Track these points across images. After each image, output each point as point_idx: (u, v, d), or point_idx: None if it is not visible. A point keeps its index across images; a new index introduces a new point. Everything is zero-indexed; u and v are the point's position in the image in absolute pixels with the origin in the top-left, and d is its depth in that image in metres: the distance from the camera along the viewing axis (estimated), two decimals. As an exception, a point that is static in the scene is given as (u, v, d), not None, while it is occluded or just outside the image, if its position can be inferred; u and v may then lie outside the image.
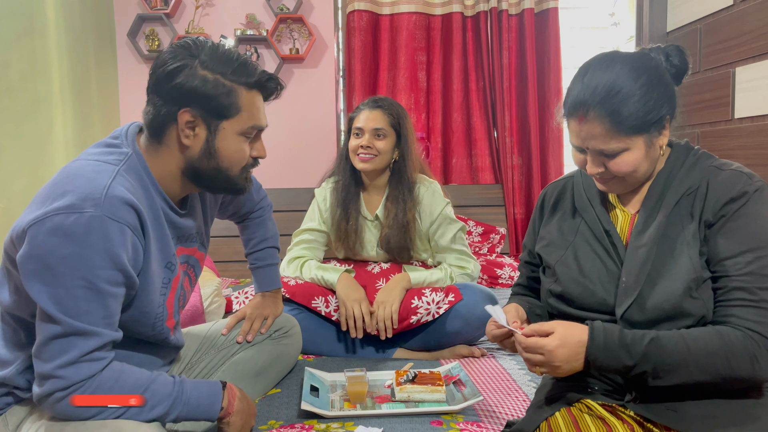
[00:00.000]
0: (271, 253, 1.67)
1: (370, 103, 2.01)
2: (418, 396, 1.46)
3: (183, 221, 1.22)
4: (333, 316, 1.87)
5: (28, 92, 2.38)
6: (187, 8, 3.24)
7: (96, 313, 1.00)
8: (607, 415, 1.02)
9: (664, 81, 1.05)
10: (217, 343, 1.50)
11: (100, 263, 0.99)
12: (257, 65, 1.18)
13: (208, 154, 1.15)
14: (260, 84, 1.17)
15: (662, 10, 3.04)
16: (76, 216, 0.98)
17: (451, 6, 3.24)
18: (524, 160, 3.33)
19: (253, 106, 1.17)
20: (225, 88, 1.12)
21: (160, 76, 1.12)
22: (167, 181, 1.17)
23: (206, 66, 1.11)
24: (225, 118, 1.14)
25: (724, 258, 1.00)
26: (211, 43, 1.15)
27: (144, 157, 1.15)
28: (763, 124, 2.33)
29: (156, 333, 1.19)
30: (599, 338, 0.99)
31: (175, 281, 1.21)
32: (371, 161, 1.94)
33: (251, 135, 1.18)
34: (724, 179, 1.03)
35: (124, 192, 1.04)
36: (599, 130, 1.02)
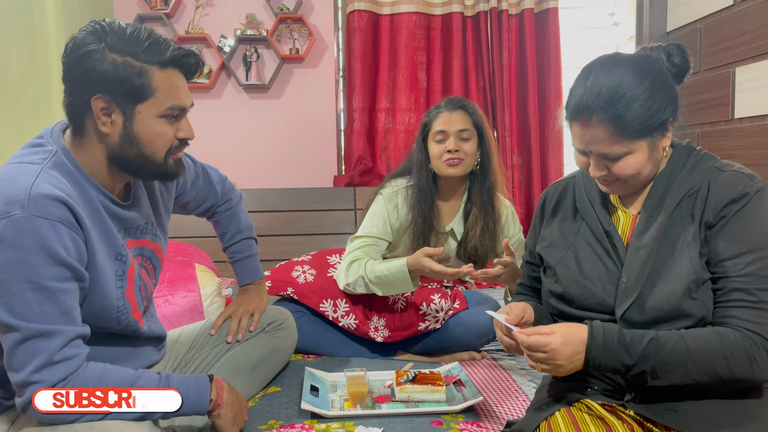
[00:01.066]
0: (248, 244, 1.64)
1: (449, 104, 1.87)
2: (418, 396, 1.46)
3: (126, 213, 1.19)
4: (340, 322, 1.86)
5: (28, 92, 2.38)
6: (187, 8, 3.24)
7: (51, 312, 0.99)
8: (607, 414, 1.03)
9: (667, 83, 1.04)
10: (211, 339, 1.49)
11: (40, 262, 0.98)
12: (171, 42, 1.13)
13: (128, 140, 1.10)
14: (176, 61, 1.12)
15: (662, 10, 3.04)
16: (5, 221, 0.97)
17: (451, 6, 3.24)
18: (524, 160, 3.33)
19: (171, 85, 1.11)
20: (135, 69, 1.07)
21: (69, 64, 1.08)
22: (98, 172, 1.14)
23: (114, 48, 1.07)
24: (140, 101, 1.09)
25: (723, 259, 1.00)
26: (119, 24, 1.10)
27: (71, 151, 1.11)
28: (763, 124, 2.33)
29: (123, 326, 1.18)
30: (598, 337, 0.99)
31: (131, 272, 1.19)
32: (460, 165, 1.82)
33: (173, 115, 1.13)
34: (724, 180, 1.03)
35: (49, 188, 1.01)
36: (602, 134, 1.02)
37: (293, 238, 3.11)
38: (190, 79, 1.16)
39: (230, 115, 3.28)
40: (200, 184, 1.51)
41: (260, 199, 3.12)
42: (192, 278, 2.18)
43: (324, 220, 3.13)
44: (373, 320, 1.86)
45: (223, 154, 3.26)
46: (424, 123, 1.89)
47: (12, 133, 2.28)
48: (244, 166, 3.29)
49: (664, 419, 0.99)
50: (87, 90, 1.07)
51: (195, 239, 2.95)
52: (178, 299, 2.06)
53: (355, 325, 1.85)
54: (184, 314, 2.01)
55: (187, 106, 1.16)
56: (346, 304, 1.87)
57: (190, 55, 1.13)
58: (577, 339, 0.99)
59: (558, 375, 1.04)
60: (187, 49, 1.14)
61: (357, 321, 1.85)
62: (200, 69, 1.17)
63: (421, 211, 1.84)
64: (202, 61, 1.17)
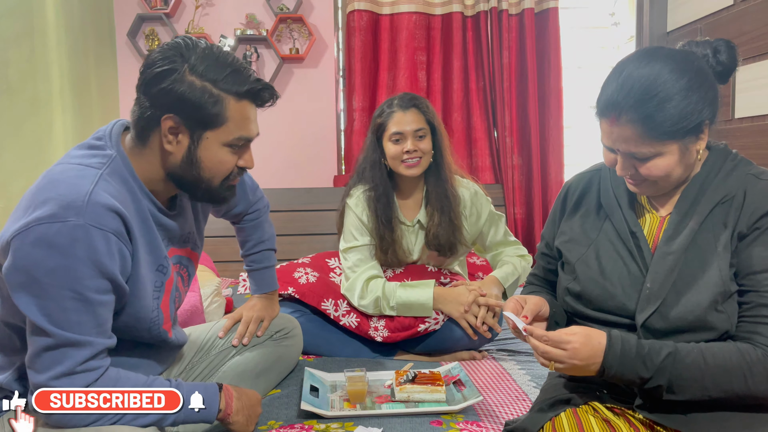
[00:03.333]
0: (268, 255, 1.65)
1: (401, 103, 1.88)
2: (418, 396, 1.46)
3: (172, 222, 1.19)
4: (341, 321, 1.86)
5: (28, 92, 2.38)
6: (187, 8, 3.24)
7: (87, 323, 0.99)
8: (613, 417, 1.00)
9: (706, 83, 0.98)
10: (218, 343, 1.50)
11: (87, 273, 0.97)
12: (251, 72, 1.12)
13: (189, 162, 1.10)
14: (252, 94, 1.11)
15: (662, 10, 3.04)
16: (59, 226, 0.95)
17: (451, 6, 3.24)
18: (524, 160, 3.33)
19: (243, 117, 1.10)
20: (212, 97, 1.06)
21: (147, 78, 1.07)
22: (153, 182, 1.13)
23: (195, 71, 1.06)
24: (210, 128, 1.08)
25: (755, 272, 0.96)
26: (204, 45, 1.09)
27: (129, 158, 1.10)
28: (763, 124, 2.33)
29: (153, 336, 1.18)
30: (617, 346, 0.95)
31: (169, 283, 1.19)
32: (419, 165, 1.85)
33: (238, 145, 1.13)
34: (762, 190, 0.98)
35: (107, 198, 1.00)
36: (630, 133, 0.97)
37: (293, 238, 3.11)
38: (260, 107, 1.15)
39: (230, 115, 3.28)
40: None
41: (260, 199, 3.12)
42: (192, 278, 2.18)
43: (324, 220, 3.13)
44: (374, 320, 1.86)
45: (223, 154, 3.25)
46: (378, 123, 1.90)
47: (12, 133, 2.28)
48: (244, 166, 3.29)
49: (673, 423, 0.97)
50: (160, 107, 1.06)
51: (195, 239, 2.95)
52: (178, 299, 2.07)
53: (356, 323, 1.85)
54: (184, 314, 2.00)
55: (253, 137, 1.14)
56: (346, 305, 1.88)
57: (266, 89, 1.12)
58: (596, 342, 0.96)
59: (569, 374, 1.02)
60: (265, 81, 1.12)
61: (358, 320, 1.85)
62: (273, 102, 1.16)
63: (377, 210, 1.89)
64: (276, 94, 1.15)
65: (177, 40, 1.09)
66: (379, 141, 1.91)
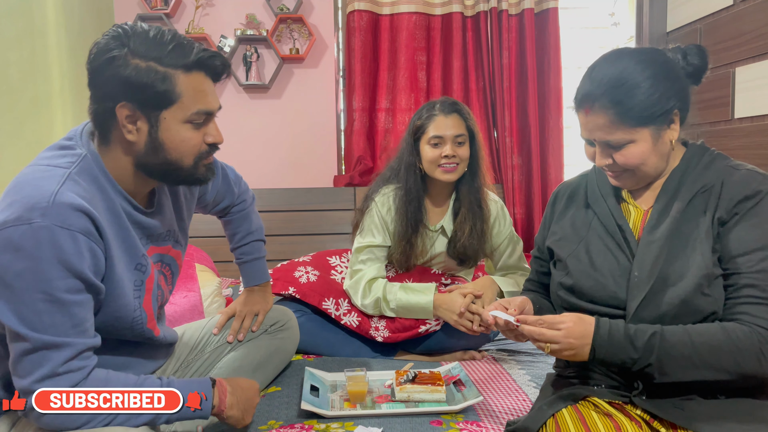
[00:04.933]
0: (258, 246, 1.63)
1: (444, 107, 1.85)
2: (418, 396, 1.46)
3: (150, 220, 1.17)
4: (342, 320, 1.86)
5: (28, 92, 2.38)
6: (187, 8, 3.24)
7: (62, 324, 0.97)
8: (615, 411, 1.03)
9: (673, 75, 1.06)
10: (212, 340, 1.49)
11: (56, 274, 0.96)
12: (196, 44, 1.09)
13: (153, 147, 1.07)
14: (201, 64, 1.07)
15: (662, 10, 3.04)
16: (24, 228, 0.94)
17: (451, 6, 3.24)
18: (524, 160, 3.33)
19: (196, 90, 1.07)
20: (159, 74, 1.03)
21: (93, 70, 1.05)
22: (125, 178, 1.11)
23: (137, 53, 1.03)
24: (164, 107, 1.05)
25: (736, 255, 1.00)
26: (142, 27, 1.06)
27: (99, 156, 1.08)
28: (763, 124, 2.33)
29: (137, 335, 1.17)
30: (604, 326, 1.00)
31: (149, 282, 1.17)
32: (455, 171, 1.83)
33: (200, 121, 1.09)
34: (739, 178, 1.04)
35: (72, 197, 0.98)
36: (603, 120, 1.04)
37: (293, 238, 3.11)
38: (216, 81, 1.12)
39: (230, 115, 3.28)
40: (219, 183, 1.49)
41: (260, 199, 3.10)
42: (192, 278, 2.18)
43: (324, 220, 3.13)
44: (374, 320, 1.86)
45: (223, 154, 3.24)
46: (417, 126, 1.87)
47: (12, 133, 2.28)
48: (244, 166, 3.27)
49: (670, 416, 0.99)
50: (111, 98, 1.04)
51: (195, 239, 2.95)
52: (178, 299, 2.07)
53: (357, 322, 1.85)
54: (184, 314, 2.01)
55: (214, 110, 1.12)
56: (347, 304, 1.88)
57: (215, 57, 1.09)
58: (588, 322, 1.02)
59: (564, 357, 1.04)
60: (213, 50, 1.10)
61: (359, 319, 1.85)
62: (227, 71, 1.13)
63: (407, 212, 1.85)
64: (227, 62, 1.12)
65: (115, 28, 1.07)
66: (416, 143, 1.87)
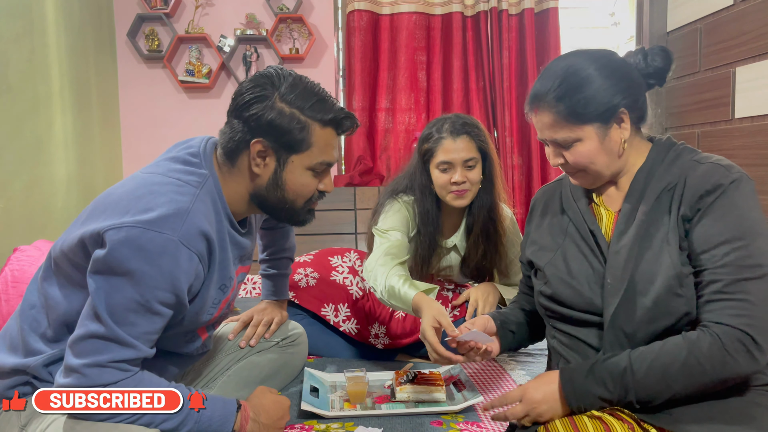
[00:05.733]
0: (286, 264, 1.68)
1: (451, 128, 1.73)
2: (418, 396, 1.46)
3: (244, 240, 1.24)
4: (341, 327, 1.85)
5: (27, 92, 2.38)
6: (186, 8, 3.23)
7: (141, 327, 1.03)
8: (604, 414, 1.02)
9: (621, 73, 1.06)
10: (224, 347, 1.50)
11: (162, 285, 1.02)
12: (335, 101, 1.19)
13: (275, 185, 1.17)
14: (336, 122, 1.17)
15: (662, 10, 3.04)
16: (153, 234, 1.00)
17: (451, 6, 3.24)
18: (524, 160, 3.33)
19: (326, 143, 1.17)
20: (300, 123, 1.13)
21: (240, 103, 1.14)
22: (236, 202, 1.19)
23: (285, 99, 1.13)
24: (295, 152, 1.15)
25: (700, 252, 0.99)
26: (294, 75, 1.16)
27: (219, 178, 1.17)
28: (763, 124, 2.33)
29: (189, 350, 1.23)
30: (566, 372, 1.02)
31: (224, 303, 1.23)
32: (467, 195, 1.73)
33: (320, 170, 1.19)
34: (701, 173, 1.02)
35: (202, 221, 1.06)
36: (548, 119, 1.06)
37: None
38: (340, 135, 1.21)
39: (230, 115, 3.28)
40: None
41: (260, 199, 3.12)
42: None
43: (324, 220, 3.13)
44: (374, 327, 1.85)
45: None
46: (426, 149, 1.76)
47: (12, 133, 2.28)
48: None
49: (659, 422, 0.98)
50: (251, 131, 1.13)
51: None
52: (178, 299, 2.06)
53: (356, 330, 1.84)
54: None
55: (333, 163, 1.21)
56: (347, 309, 1.86)
57: (349, 118, 1.19)
58: (546, 378, 1.05)
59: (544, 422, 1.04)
60: (347, 111, 1.19)
61: (358, 326, 1.84)
62: (353, 131, 1.23)
63: (427, 234, 1.79)
64: (357, 123, 1.22)
65: (269, 69, 1.17)
66: (426, 165, 1.78)
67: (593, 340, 1.09)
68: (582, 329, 1.11)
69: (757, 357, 0.94)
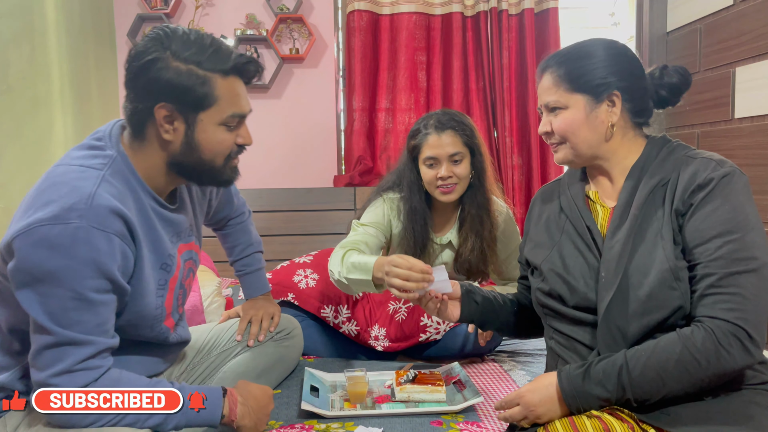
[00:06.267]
0: (258, 257, 1.65)
1: (436, 124, 1.75)
2: (418, 396, 1.46)
3: (176, 216, 1.20)
4: (341, 328, 1.85)
5: (28, 92, 2.38)
6: (187, 8, 3.24)
7: (88, 322, 1.00)
8: (603, 413, 1.02)
9: (625, 60, 1.11)
10: (219, 344, 1.50)
11: (89, 274, 0.98)
12: (232, 49, 1.13)
13: (189, 147, 1.11)
14: (237, 69, 1.12)
15: (662, 10, 3.04)
16: (61, 227, 0.97)
17: (451, 6, 3.24)
18: (524, 160, 3.33)
19: (232, 94, 1.12)
20: (199, 78, 1.07)
21: (132, 72, 1.09)
22: (154, 177, 1.14)
23: (178, 56, 1.07)
24: (202, 110, 1.10)
25: (694, 246, 1.00)
26: (182, 31, 1.10)
27: (129, 156, 1.11)
28: (763, 124, 2.33)
29: (156, 334, 1.19)
30: (563, 373, 1.03)
31: (173, 281, 1.20)
32: (454, 191, 1.74)
33: (233, 123, 1.14)
34: (693, 168, 1.04)
35: (110, 200, 1.02)
36: (548, 83, 1.13)
37: (293, 238, 3.11)
38: (248, 84, 1.17)
39: (230, 115, 3.28)
40: (221, 191, 1.52)
41: (260, 199, 3.12)
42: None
43: (324, 220, 3.13)
44: (374, 329, 1.84)
45: (223, 154, 3.25)
46: (413, 145, 1.78)
47: (12, 133, 2.28)
48: (244, 166, 3.25)
49: (658, 422, 0.98)
50: (150, 98, 1.08)
51: (195, 239, 2.95)
52: (178, 299, 2.06)
53: (356, 331, 1.84)
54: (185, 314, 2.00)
55: (246, 113, 1.16)
56: (347, 311, 1.85)
57: (251, 63, 1.13)
58: (544, 382, 1.05)
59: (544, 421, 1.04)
60: (248, 56, 1.14)
61: (358, 328, 1.84)
62: (260, 75, 1.18)
63: (414, 231, 1.77)
64: (260, 66, 1.16)
65: (156, 30, 1.10)
66: (415, 162, 1.79)
67: (588, 339, 1.09)
68: (578, 329, 1.11)
69: (752, 351, 0.94)
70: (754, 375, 1.02)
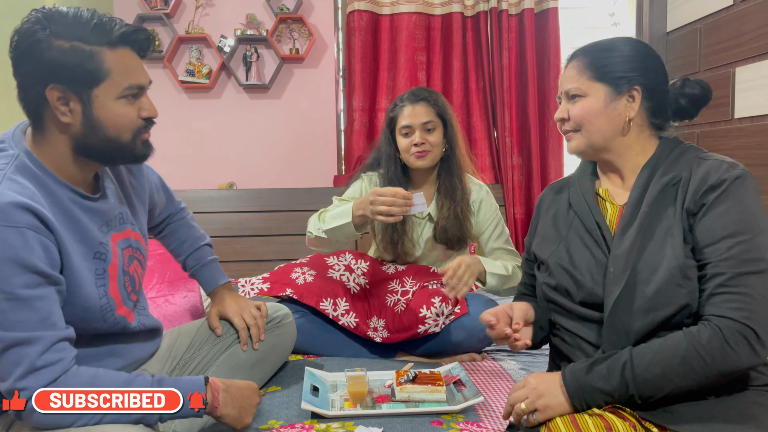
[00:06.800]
0: (209, 250, 1.61)
1: (410, 97, 1.94)
2: (418, 396, 1.46)
3: (98, 205, 1.17)
4: (340, 320, 1.85)
5: (28, 92, 2.38)
6: (187, 8, 3.24)
7: (29, 319, 0.98)
8: (605, 412, 1.03)
9: (649, 59, 1.14)
10: (210, 338, 1.49)
11: (11, 272, 0.97)
12: (118, 20, 1.09)
13: (90, 126, 1.08)
14: (125, 38, 1.08)
15: (662, 10, 3.04)
16: None
17: (451, 6, 3.24)
18: (524, 160, 3.33)
19: (124, 65, 1.08)
20: (85, 53, 1.04)
21: (17, 58, 1.06)
22: (65, 167, 1.11)
23: (60, 34, 1.03)
24: (95, 85, 1.06)
25: (704, 246, 1.01)
26: (60, 9, 1.06)
27: (34, 152, 1.09)
28: (763, 124, 2.33)
29: (110, 325, 1.16)
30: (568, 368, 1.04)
31: (113, 269, 1.17)
32: (428, 156, 1.90)
33: (132, 95, 1.10)
34: (705, 168, 1.05)
35: (12, 196, 0.99)
36: (572, 72, 1.16)
37: (293, 238, 3.11)
38: (143, 56, 1.13)
39: (230, 115, 3.29)
40: (160, 186, 1.51)
41: (260, 199, 3.13)
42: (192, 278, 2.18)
43: (324, 220, 3.13)
44: (373, 320, 1.86)
45: (223, 154, 3.26)
46: (390, 117, 1.97)
47: (12, 133, 2.28)
48: (244, 166, 3.29)
49: (660, 420, 0.99)
50: (40, 81, 1.04)
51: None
52: (178, 299, 2.07)
53: (355, 323, 1.84)
54: (184, 314, 2.01)
55: (144, 84, 1.13)
56: (346, 303, 1.87)
57: (139, 31, 1.10)
58: (549, 374, 1.06)
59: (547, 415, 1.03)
60: (136, 25, 1.11)
61: (357, 319, 1.85)
62: (152, 45, 1.14)
63: None
64: (152, 36, 1.13)
65: (33, 12, 1.07)
66: (393, 135, 1.97)
67: (593, 338, 1.10)
68: (583, 327, 1.12)
69: (758, 350, 0.95)
70: (758, 377, 1.02)
